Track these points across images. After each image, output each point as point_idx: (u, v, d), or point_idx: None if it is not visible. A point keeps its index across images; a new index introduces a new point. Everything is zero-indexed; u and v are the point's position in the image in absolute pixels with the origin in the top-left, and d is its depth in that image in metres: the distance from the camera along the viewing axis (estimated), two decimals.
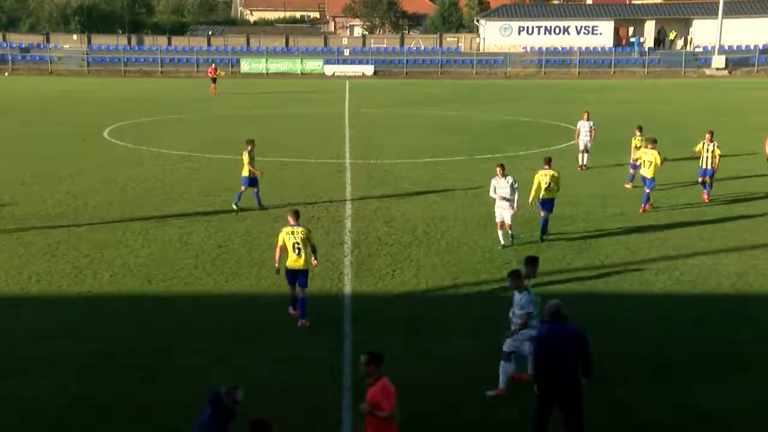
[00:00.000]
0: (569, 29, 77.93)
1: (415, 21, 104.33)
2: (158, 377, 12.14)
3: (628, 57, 75.88)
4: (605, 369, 12.36)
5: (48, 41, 79.76)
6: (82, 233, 19.75)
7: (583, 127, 27.73)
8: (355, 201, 23.16)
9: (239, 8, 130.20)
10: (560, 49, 76.42)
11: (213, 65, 58.38)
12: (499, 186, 18.27)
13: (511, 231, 18.62)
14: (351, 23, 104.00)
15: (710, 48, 73.52)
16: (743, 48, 74.27)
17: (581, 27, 78.03)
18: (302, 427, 10.80)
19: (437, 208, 22.33)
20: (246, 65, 74.85)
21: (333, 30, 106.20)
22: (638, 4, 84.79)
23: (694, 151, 23.79)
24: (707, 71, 72.69)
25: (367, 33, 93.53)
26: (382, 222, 20.90)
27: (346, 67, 75.08)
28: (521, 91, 59.01)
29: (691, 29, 77.70)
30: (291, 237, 13.92)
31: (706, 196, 23.12)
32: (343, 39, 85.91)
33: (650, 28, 78.48)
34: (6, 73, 72.47)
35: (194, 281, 16.37)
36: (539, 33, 77.78)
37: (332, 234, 19.79)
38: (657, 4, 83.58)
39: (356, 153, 31.36)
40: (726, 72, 72.17)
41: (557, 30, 77.96)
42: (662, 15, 79.29)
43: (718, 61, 72.31)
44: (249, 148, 21.90)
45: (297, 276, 14.00)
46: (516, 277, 11.70)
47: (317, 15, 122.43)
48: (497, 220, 18.61)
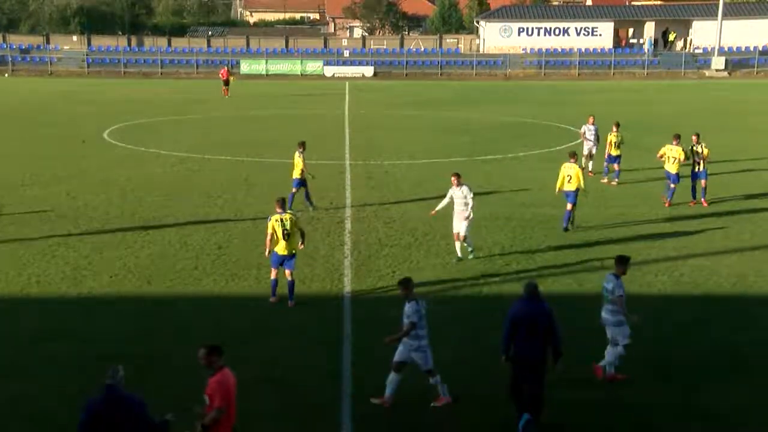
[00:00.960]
0: (569, 30, 77.95)
1: (415, 22, 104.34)
2: (158, 378, 12.13)
3: (628, 58, 75.91)
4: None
5: (48, 42, 79.69)
6: (82, 234, 19.75)
7: (589, 131, 26.69)
8: (355, 202, 23.17)
9: (239, 9, 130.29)
10: (560, 51, 76.42)
11: (226, 67, 56.58)
12: (455, 196, 17.38)
13: (468, 243, 17.61)
14: (351, 24, 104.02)
15: (710, 49, 73.53)
16: (743, 49, 74.29)
17: (581, 28, 78.04)
18: (301, 429, 10.81)
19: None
20: (246, 66, 74.83)
21: (333, 31, 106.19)
22: (638, 6, 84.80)
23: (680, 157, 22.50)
24: (707, 72, 72.69)
25: (367, 34, 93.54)
26: (382, 223, 20.91)
27: (346, 69, 75.08)
28: (521, 93, 59.02)
29: (691, 30, 77.74)
30: (280, 224, 14.92)
31: (704, 201, 22.51)
32: (343, 40, 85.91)
33: (650, 30, 78.51)
34: (6, 74, 72.47)
35: (194, 282, 16.38)
36: (539, 34, 77.78)
37: (332, 235, 19.80)
38: (657, 6, 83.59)
39: (356, 154, 31.36)
40: (726, 73, 72.17)
41: (557, 31, 77.97)
42: (662, 16, 79.29)
43: (718, 63, 72.31)
44: (301, 150, 22.16)
45: (285, 260, 15.09)
46: (405, 286, 11.00)
47: (317, 16, 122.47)
48: (454, 231, 17.66)
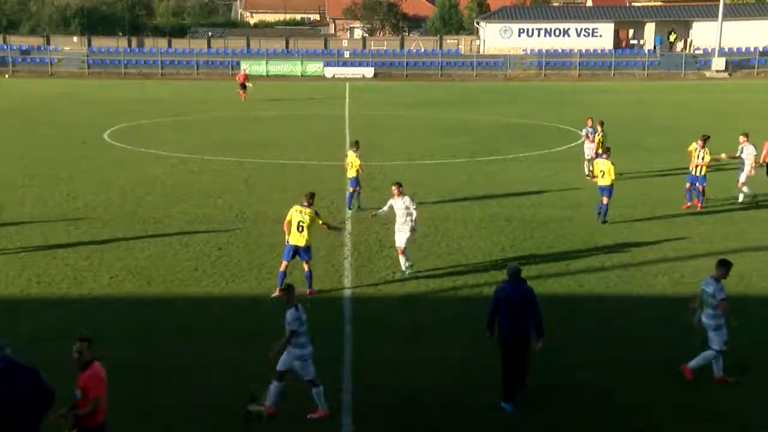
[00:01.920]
0: (569, 31, 77.92)
1: (415, 23, 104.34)
2: (158, 378, 12.12)
3: (629, 59, 75.88)
4: (605, 371, 12.38)
5: (48, 43, 79.66)
6: (82, 235, 19.75)
7: (590, 134, 26.51)
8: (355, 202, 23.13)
9: (239, 10, 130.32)
10: (560, 51, 76.39)
11: (244, 71, 54.52)
12: (396, 207, 16.58)
13: (406, 257, 16.68)
14: (351, 25, 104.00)
15: (710, 50, 73.51)
16: (743, 50, 74.26)
17: (581, 29, 78.02)
18: (303, 429, 10.79)
19: (437, 210, 22.32)
20: (246, 67, 74.69)
21: (333, 32, 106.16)
22: (638, 7, 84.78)
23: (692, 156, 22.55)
24: (707, 73, 72.65)
25: (367, 35, 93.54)
26: (382, 224, 20.86)
27: (347, 69, 75.05)
28: (521, 93, 59.01)
29: (691, 31, 77.73)
30: (298, 215, 15.24)
31: (699, 204, 22.23)
32: (343, 41, 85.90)
33: (650, 30, 78.50)
34: (6, 75, 72.46)
35: (194, 283, 16.36)
36: (539, 35, 77.76)
37: (332, 236, 19.75)
38: (657, 7, 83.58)
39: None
40: (726, 74, 72.14)
41: (557, 32, 77.94)
42: (662, 17, 79.25)
43: (718, 63, 72.27)
44: (356, 149, 22.52)
45: (299, 251, 15.32)
46: (287, 292, 10.73)
47: (317, 17, 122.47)
48: (396, 244, 16.91)
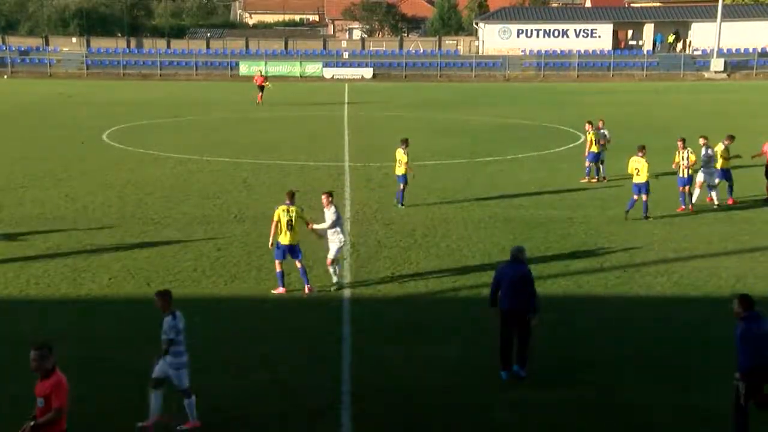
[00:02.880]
0: (568, 32, 77.98)
1: (414, 24, 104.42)
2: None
3: (627, 60, 75.93)
4: (606, 371, 12.39)
5: (47, 44, 79.66)
6: (81, 236, 19.73)
7: (597, 136, 26.04)
8: (355, 204, 23.16)
9: (238, 11, 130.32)
10: (559, 52, 76.44)
11: (260, 73, 53.17)
12: (326, 217, 16.03)
13: (334, 271, 16.04)
14: (350, 26, 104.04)
15: (709, 51, 73.57)
16: (742, 51, 74.32)
17: (580, 30, 78.07)
18: (302, 429, 10.79)
19: (437, 211, 22.33)
20: (245, 68, 74.87)
21: (332, 33, 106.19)
22: (637, 8, 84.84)
23: (675, 162, 22.38)
24: (706, 74, 72.71)
25: (366, 36, 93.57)
26: (382, 224, 20.90)
27: (345, 70, 75.07)
28: (520, 94, 59.03)
29: (690, 32, 77.79)
30: (285, 215, 15.41)
31: (691, 206, 22.08)
32: (342, 42, 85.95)
33: (649, 31, 78.58)
34: (5, 76, 72.45)
35: (193, 284, 16.35)
36: (538, 36, 77.82)
37: None
38: (655, 8, 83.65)
39: (355, 156, 31.37)
40: (725, 75, 72.20)
41: (556, 33, 77.99)
42: (661, 18, 79.35)
43: (717, 64, 72.33)
44: (404, 146, 22.51)
45: (290, 250, 15.54)
46: (162, 298, 10.29)
47: (316, 18, 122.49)
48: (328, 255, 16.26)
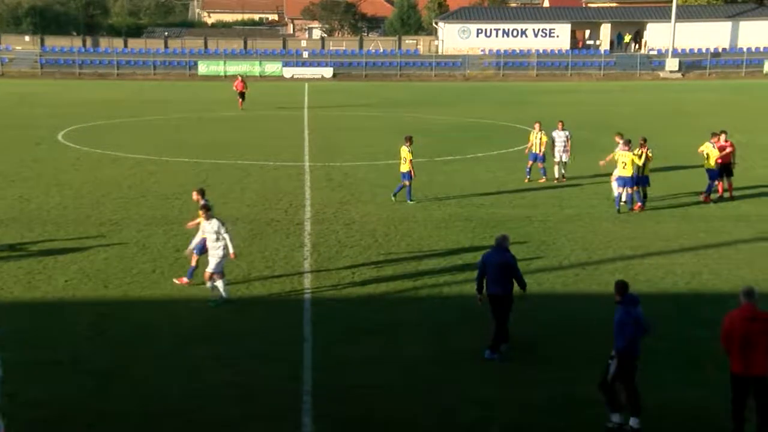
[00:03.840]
0: (527, 32, 78.65)
1: (374, 23, 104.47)
2: (114, 383, 11.95)
3: (585, 59, 76.82)
4: (564, 367, 12.51)
5: None
6: (36, 238, 19.39)
7: (558, 138, 25.80)
8: (315, 203, 23.09)
9: (197, 10, 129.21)
10: (518, 52, 77.07)
11: (240, 78, 50.55)
12: (206, 230, 15.24)
13: (211, 286, 15.20)
14: (310, 25, 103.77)
15: (664, 51, 74.78)
16: (695, 51, 75.64)
17: (538, 30, 78.81)
18: (262, 430, 10.74)
19: (397, 210, 22.35)
20: (204, 67, 74.28)
21: (292, 32, 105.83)
22: (594, 8, 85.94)
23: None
24: (661, 74, 73.88)
25: (326, 35, 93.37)
26: (342, 224, 20.87)
27: (305, 70, 74.85)
28: (480, 94, 59.37)
29: (645, 32, 78.99)
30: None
31: (640, 205, 22.24)
32: (302, 41, 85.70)
33: (606, 31, 79.59)
34: None
35: (152, 286, 16.16)
36: (497, 35, 78.38)
37: (292, 237, 19.71)
38: (612, 8, 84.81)
39: (316, 155, 31.28)
40: (679, 74, 73.44)
41: (515, 33, 78.61)
42: (617, 18, 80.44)
43: (672, 64, 73.58)
44: (408, 144, 22.56)
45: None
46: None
47: (276, 17, 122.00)
48: (206, 269, 15.33)
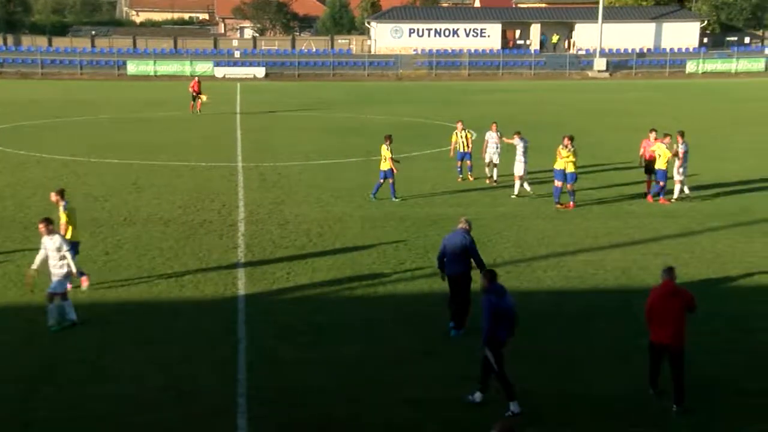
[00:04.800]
0: (458, 32, 79.34)
1: (306, 23, 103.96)
2: (40, 390, 11.62)
3: (516, 59, 77.94)
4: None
5: None
6: None
7: (492, 139, 25.45)
8: (249, 204, 22.88)
9: (124, 9, 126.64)
10: (450, 51, 77.70)
11: (197, 79, 48.46)
12: (48, 247, 13.88)
13: (53, 306, 13.79)
14: (241, 25, 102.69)
15: (592, 51, 76.40)
16: (622, 51, 77.47)
17: (470, 29, 79.58)
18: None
19: (331, 210, 22.31)
20: (133, 67, 72.83)
21: (223, 32, 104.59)
22: (524, 8, 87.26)
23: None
24: (590, 73, 75.44)
25: (258, 35, 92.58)
26: (276, 225, 20.73)
27: (237, 70, 74.03)
28: (413, 93, 59.68)
29: (574, 33, 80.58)
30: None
31: (572, 203, 22.62)
32: (234, 41, 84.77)
33: (536, 32, 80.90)
34: None
35: (79, 291, 15.76)
36: (429, 35, 78.87)
37: (225, 238, 19.49)
38: (541, 9, 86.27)
39: (248, 156, 30.98)
40: (607, 74, 75.12)
41: (447, 32, 79.22)
42: (546, 18, 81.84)
43: (600, 64, 75.23)
44: (388, 143, 22.90)
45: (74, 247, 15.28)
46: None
47: (206, 16, 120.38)
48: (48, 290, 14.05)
